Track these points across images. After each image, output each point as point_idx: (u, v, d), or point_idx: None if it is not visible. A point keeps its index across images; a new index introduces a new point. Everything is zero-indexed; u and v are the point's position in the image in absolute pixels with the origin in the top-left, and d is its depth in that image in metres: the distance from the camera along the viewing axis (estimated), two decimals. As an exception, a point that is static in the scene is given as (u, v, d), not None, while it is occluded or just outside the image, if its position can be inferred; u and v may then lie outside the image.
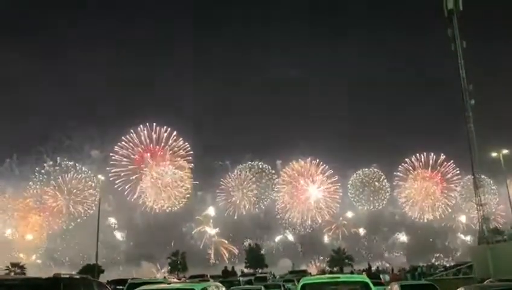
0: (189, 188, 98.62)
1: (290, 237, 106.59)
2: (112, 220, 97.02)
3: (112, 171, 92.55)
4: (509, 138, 71.30)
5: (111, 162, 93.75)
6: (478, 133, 58.25)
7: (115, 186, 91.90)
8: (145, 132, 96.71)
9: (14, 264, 70.86)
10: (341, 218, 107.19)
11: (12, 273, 60.58)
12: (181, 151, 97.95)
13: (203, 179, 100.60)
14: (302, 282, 14.32)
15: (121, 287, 32.79)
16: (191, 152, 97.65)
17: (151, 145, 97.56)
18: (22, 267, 70.61)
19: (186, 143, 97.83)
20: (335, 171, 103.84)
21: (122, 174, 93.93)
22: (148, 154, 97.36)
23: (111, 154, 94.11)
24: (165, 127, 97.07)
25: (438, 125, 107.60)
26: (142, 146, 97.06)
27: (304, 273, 65.26)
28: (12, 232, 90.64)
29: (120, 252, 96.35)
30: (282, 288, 39.13)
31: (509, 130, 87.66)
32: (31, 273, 59.85)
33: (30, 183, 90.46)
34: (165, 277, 57.38)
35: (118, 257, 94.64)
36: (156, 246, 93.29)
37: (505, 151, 58.75)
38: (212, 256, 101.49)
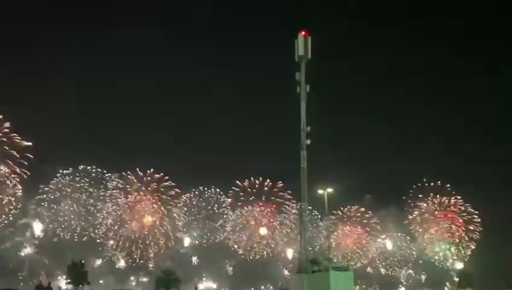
0: (13, 194, 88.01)
1: (118, 258, 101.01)
2: None
3: None
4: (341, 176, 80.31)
5: None
6: (312, 170, 63.49)
7: None
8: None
9: None
10: (172, 238, 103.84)
11: None
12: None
13: (30, 184, 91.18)
14: None
15: None
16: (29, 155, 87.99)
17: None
18: None
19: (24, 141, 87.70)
20: (182, 191, 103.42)
21: None
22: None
23: None
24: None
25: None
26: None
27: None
28: None
29: None
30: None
31: (340, 169, 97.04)
32: None
33: None
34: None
35: None
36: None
37: (330, 190, 65.57)
38: (25, 270, 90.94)
